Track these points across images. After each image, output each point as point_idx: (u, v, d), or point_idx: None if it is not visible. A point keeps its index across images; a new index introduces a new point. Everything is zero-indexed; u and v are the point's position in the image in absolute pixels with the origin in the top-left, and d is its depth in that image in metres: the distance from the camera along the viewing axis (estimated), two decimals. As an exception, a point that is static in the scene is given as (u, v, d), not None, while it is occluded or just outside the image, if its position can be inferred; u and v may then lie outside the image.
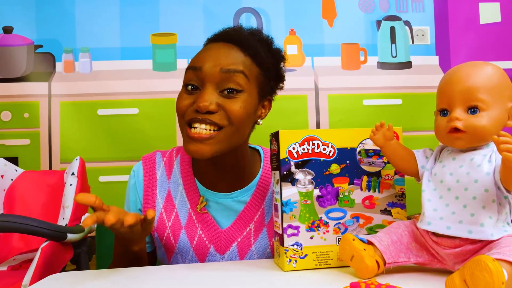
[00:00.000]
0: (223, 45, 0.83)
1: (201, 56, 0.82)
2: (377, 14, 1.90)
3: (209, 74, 0.79)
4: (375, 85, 1.88)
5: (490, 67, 0.63)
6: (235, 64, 0.80)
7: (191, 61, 0.83)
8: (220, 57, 0.80)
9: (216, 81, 0.79)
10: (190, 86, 0.80)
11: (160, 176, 0.91)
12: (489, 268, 0.48)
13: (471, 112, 0.61)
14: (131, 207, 0.91)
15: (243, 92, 0.80)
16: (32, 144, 1.81)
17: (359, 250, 0.65)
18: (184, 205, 0.89)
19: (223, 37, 0.84)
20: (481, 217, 0.59)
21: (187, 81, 0.81)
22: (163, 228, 0.89)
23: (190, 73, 0.81)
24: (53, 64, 1.85)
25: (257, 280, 0.67)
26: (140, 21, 1.82)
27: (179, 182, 0.90)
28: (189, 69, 0.81)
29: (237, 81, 0.79)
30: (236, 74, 0.79)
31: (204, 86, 0.79)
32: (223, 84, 0.79)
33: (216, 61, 0.79)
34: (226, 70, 0.79)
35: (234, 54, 0.81)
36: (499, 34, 1.84)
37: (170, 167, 0.92)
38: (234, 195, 0.88)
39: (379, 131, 0.71)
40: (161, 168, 0.92)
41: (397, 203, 0.76)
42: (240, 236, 0.87)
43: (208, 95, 0.78)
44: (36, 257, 0.90)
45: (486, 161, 0.60)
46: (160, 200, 0.90)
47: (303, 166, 0.73)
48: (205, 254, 0.88)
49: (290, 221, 0.73)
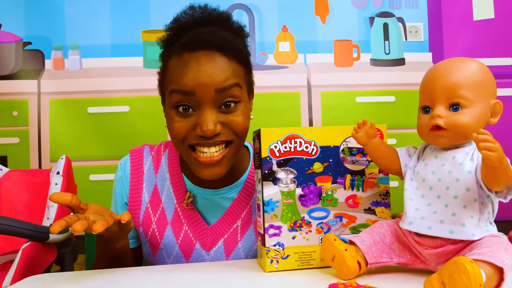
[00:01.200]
0: (207, 56, 0.75)
1: (187, 77, 0.74)
2: (370, 10, 1.88)
3: (205, 96, 0.74)
4: (368, 82, 1.86)
5: (473, 63, 0.61)
6: (228, 79, 0.75)
7: (175, 83, 0.75)
8: (211, 76, 0.74)
9: (212, 101, 0.75)
10: (181, 107, 0.76)
11: (147, 170, 0.90)
12: (466, 270, 0.47)
13: (453, 109, 0.60)
14: (118, 200, 0.91)
15: (240, 102, 0.78)
16: (21, 143, 1.79)
17: (340, 251, 0.63)
18: (170, 200, 0.88)
19: (203, 45, 0.76)
20: (462, 217, 0.58)
21: (176, 103, 0.76)
22: (148, 223, 0.88)
23: (178, 96, 0.75)
24: (42, 62, 1.83)
25: (236, 281, 0.66)
26: (130, 18, 1.80)
27: (166, 177, 0.89)
28: (177, 92, 0.75)
29: (233, 94, 0.76)
30: (233, 88, 0.76)
31: (200, 107, 0.75)
32: (220, 100, 0.76)
33: (208, 81, 0.73)
34: (221, 89, 0.74)
35: (223, 66, 0.76)
36: (492, 31, 1.82)
37: (158, 161, 0.91)
38: (222, 192, 0.87)
39: (362, 129, 0.69)
40: (148, 162, 0.91)
41: (381, 202, 0.74)
42: (227, 232, 0.86)
43: (209, 116, 0.74)
44: (17, 258, 0.89)
45: (468, 160, 0.59)
46: (146, 194, 0.89)
47: (285, 165, 0.72)
48: (191, 251, 0.86)
49: (271, 221, 0.71)
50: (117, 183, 0.91)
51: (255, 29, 1.86)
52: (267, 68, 1.85)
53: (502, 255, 0.52)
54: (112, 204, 0.93)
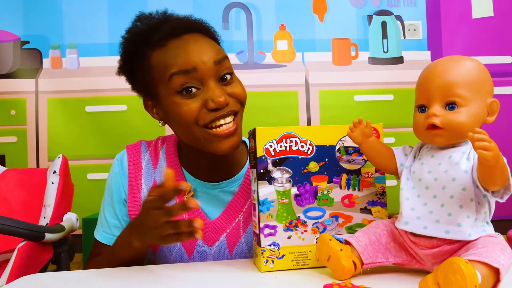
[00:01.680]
0: (193, 37, 0.80)
1: (185, 56, 0.76)
2: (369, 8, 1.87)
3: (206, 71, 0.77)
4: (367, 80, 1.85)
5: (469, 62, 0.61)
6: (220, 52, 0.80)
7: (173, 65, 0.77)
8: (205, 50, 0.78)
9: (214, 75, 0.78)
10: (185, 90, 0.76)
11: (146, 165, 0.89)
12: (461, 271, 0.46)
13: (449, 108, 0.59)
14: (114, 196, 0.88)
15: (233, 73, 0.82)
16: (19, 142, 1.79)
17: (335, 251, 0.63)
18: None
19: (186, 30, 0.81)
20: (458, 217, 0.57)
21: (181, 86, 0.76)
22: None
23: (180, 78, 0.76)
24: (40, 61, 1.83)
25: (231, 281, 0.66)
26: (128, 16, 1.76)
27: None
28: (178, 74, 0.76)
29: (228, 66, 0.81)
30: (226, 60, 0.80)
31: (205, 83, 0.77)
32: (219, 73, 0.79)
33: (205, 55, 0.77)
34: (218, 61, 0.78)
35: (210, 42, 0.81)
36: (491, 29, 1.81)
37: (156, 156, 0.90)
38: (222, 185, 0.86)
39: (357, 128, 0.69)
40: (146, 157, 0.90)
41: (377, 201, 0.74)
42: (229, 227, 0.85)
43: (217, 89, 0.77)
44: (13, 257, 0.88)
45: (464, 159, 0.58)
46: (146, 190, 0.87)
47: (280, 164, 0.71)
48: (193, 246, 0.85)
49: (267, 221, 0.71)
50: (114, 179, 0.89)
51: (253, 28, 1.86)
52: (265, 66, 1.84)
53: (498, 256, 0.52)
54: (105, 200, 0.90)
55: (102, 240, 0.89)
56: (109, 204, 0.90)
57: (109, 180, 0.90)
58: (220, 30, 1.88)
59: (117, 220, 0.89)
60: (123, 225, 0.88)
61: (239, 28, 1.86)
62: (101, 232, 0.90)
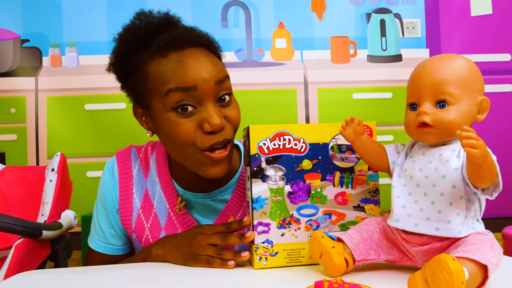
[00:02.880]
0: (197, 52, 0.75)
1: (186, 74, 0.72)
2: (367, 6, 1.87)
3: (206, 91, 0.73)
4: (365, 78, 1.85)
5: (460, 60, 0.61)
6: (222, 71, 0.76)
7: (172, 80, 0.72)
8: (208, 68, 0.73)
9: (213, 95, 0.74)
10: (180, 107, 0.73)
11: (137, 174, 0.88)
12: (449, 268, 0.47)
13: (440, 106, 0.59)
14: (108, 206, 0.87)
15: (232, 94, 0.79)
16: (19, 140, 1.80)
17: (327, 248, 0.63)
18: (162, 205, 0.86)
19: (189, 43, 0.75)
20: (448, 214, 0.57)
21: (177, 103, 0.72)
22: (141, 229, 0.86)
23: (178, 94, 0.72)
24: (39, 59, 1.83)
25: (225, 278, 0.66)
26: (127, 14, 1.78)
27: (156, 181, 0.87)
28: (176, 91, 0.72)
29: (228, 86, 0.77)
30: (227, 80, 0.77)
31: (203, 103, 0.74)
32: (218, 94, 0.75)
33: (207, 74, 0.73)
34: (219, 81, 0.74)
35: (213, 59, 0.76)
36: (490, 27, 1.81)
37: (147, 164, 0.88)
38: (214, 195, 0.85)
39: (350, 126, 0.69)
40: (137, 166, 0.88)
41: (370, 199, 0.74)
42: None
43: (215, 110, 0.73)
44: (10, 254, 0.89)
45: (454, 157, 0.59)
46: (138, 199, 0.86)
47: (274, 162, 0.72)
48: None
49: (260, 218, 0.71)
50: (105, 188, 0.87)
51: (252, 26, 1.86)
52: (264, 64, 1.84)
53: (487, 253, 0.52)
54: (98, 209, 0.89)
55: (97, 249, 0.89)
56: (102, 213, 0.89)
57: (101, 188, 0.89)
58: (219, 28, 1.89)
59: (113, 229, 0.88)
60: (118, 233, 0.88)
61: (238, 26, 1.86)
62: (95, 241, 0.90)
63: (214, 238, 0.73)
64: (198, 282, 0.65)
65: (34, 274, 0.75)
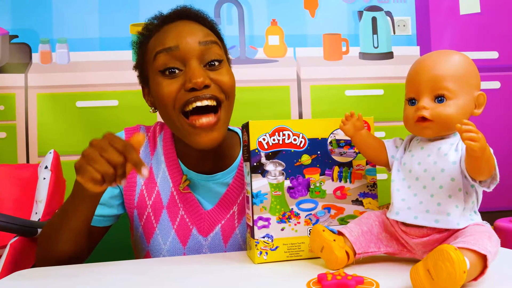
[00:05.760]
0: (186, 23, 0.81)
1: (170, 36, 0.77)
2: (359, 4, 1.88)
3: (189, 49, 0.76)
4: (357, 75, 1.87)
5: (457, 56, 0.62)
6: (209, 35, 0.80)
7: (159, 44, 0.78)
8: (192, 32, 0.78)
9: (197, 56, 0.77)
10: (167, 70, 0.76)
11: (143, 150, 0.88)
12: (451, 258, 0.48)
13: (438, 101, 0.61)
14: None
15: (224, 62, 0.80)
16: (8, 138, 1.77)
17: (328, 241, 0.64)
18: (166, 183, 0.86)
19: (180, 16, 0.82)
20: (447, 207, 0.59)
21: (163, 66, 0.77)
22: (143, 206, 0.86)
23: (163, 56, 0.76)
24: (29, 55, 1.80)
25: (225, 273, 0.67)
26: (119, 11, 1.77)
27: (162, 160, 0.88)
28: (161, 52, 0.77)
29: (216, 52, 0.79)
30: (214, 45, 0.79)
31: (187, 63, 0.76)
32: (205, 57, 0.77)
33: (190, 35, 0.77)
34: (204, 42, 0.77)
35: (202, 28, 0.81)
36: (479, 25, 1.84)
37: (154, 143, 0.89)
38: (216, 177, 0.86)
39: (349, 121, 0.70)
40: (144, 143, 0.89)
41: (368, 193, 0.75)
42: (224, 218, 0.86)
43: (197, 68, 0.75)
44: (5, 253, 0.88)
45: (452, 150, 0.60)
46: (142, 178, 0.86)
47: (273, 157, 0.72)
48: (188, 236, 0.85)
49: (260, 213, 0.72)
50: None
51: (244, 23, 1.86)
52: (257, 61, 1.84)
53: (485, 243, 0.53)
54: None
55: None
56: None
57: None
58: (212, 25, 1.89)
59: (103, 204, 0.85)
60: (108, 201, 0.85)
61: (231, 23, 1.86)
62: None
63: (110, 151, 0.65)
64: (198, 277, 0.65)
65: (31, 273, 0.74)
